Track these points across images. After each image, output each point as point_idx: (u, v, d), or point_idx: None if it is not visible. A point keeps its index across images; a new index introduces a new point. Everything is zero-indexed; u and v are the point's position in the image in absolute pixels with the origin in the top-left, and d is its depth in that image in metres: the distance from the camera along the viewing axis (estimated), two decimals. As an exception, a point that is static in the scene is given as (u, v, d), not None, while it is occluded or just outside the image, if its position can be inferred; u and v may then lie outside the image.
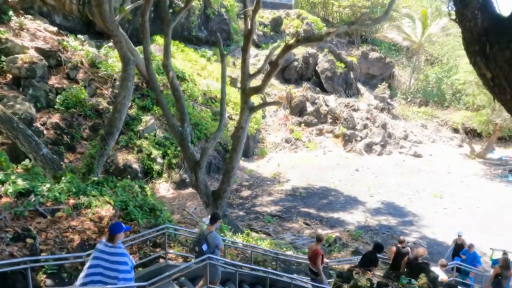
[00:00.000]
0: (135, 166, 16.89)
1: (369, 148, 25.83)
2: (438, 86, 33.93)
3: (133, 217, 7.17)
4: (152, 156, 17.67)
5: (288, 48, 11.46)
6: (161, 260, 6.89)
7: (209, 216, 6.52)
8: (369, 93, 34.09)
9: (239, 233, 11.52)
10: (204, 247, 6.06)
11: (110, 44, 20.56)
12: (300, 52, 31.06)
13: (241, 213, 16.44)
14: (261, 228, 14.59)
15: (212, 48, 28.94)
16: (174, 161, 18.33)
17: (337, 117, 28.25)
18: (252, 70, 31.83)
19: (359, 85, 34.19)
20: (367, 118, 28.19)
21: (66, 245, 5.86)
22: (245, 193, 18.60)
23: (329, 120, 28.53)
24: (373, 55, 35.10)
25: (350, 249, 11.80)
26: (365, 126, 27.41)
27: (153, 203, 8.16)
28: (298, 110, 28.63)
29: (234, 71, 26.85)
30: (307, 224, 15.55)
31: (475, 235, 14.52)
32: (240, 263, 7.76)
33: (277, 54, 13.06)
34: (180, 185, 18.02)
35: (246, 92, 12.91)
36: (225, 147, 20.96)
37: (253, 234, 13.25)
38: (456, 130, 29.97)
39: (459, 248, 11.65)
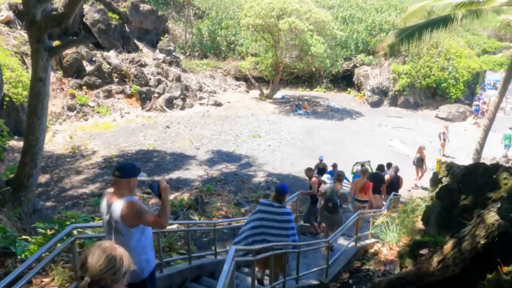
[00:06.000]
0: None
1: (170, 103, 23.70)
2: (212, 39, 34.50)
3: None
4: None
5: None
6: None
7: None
8: (148, 49, 31.27)
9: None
10: (338, 201, 7.03)
11: None
12: (59, 1, 24.71)
13: (49, 203, 11.67)
14: (93, 214, 10.64)
15: None
16: None
17: (125, 74, 24.49)
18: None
19: (136, 41, 30.80)
20: (158, 73, 25.68)
21: None
22: (43, 178, 13.41)
23: (116, 79, 24.46)
24: (145, 7, 31.91)
25: (232, 203, 9.92)
26: (159, 82, 24.91)
27: None
28: (74, 70, 23.11)
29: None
30: (148, 193, 12.49)
31: (309, 161, 15.32)
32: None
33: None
34: None
35: (40, 24, 8.27)
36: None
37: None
38: (238, 78, 31.53)
39: (322, 172, 11.70)
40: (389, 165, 11.41)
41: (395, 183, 10.88)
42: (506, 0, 10.70)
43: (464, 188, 4.11)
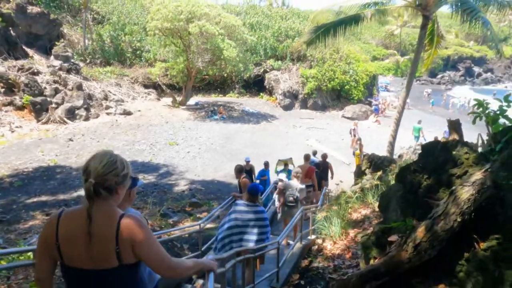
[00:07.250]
0: None
1: (71, 114, 21.27)
2: (115, 45, 32.26)
3: None
4: None
5: None
6: None
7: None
8: (40, 55, 27.94)
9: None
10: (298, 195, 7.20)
11: None
12: None
13: None
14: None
15: None
16: None
17: (13, 84, 21.37)
18: None
19: (24, 47, 27.26)
20: (55, 82, 22.92)
21: None
22: None
23: (2, 90, 21.23)
24: (33, 9, 28.51)
25: (157, 215, 8.88)
26: (56, 91, 22.24)
27: None
28: None
29: None
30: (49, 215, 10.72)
31: (232, 165, 14.81)
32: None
33: None
34: None
35: None
36: None
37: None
38: (147, 86, 29.88)
39: (249, 173, 11.30)
40: (315, 152, 12.26)
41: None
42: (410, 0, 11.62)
43: (426, 167, 3.98)
